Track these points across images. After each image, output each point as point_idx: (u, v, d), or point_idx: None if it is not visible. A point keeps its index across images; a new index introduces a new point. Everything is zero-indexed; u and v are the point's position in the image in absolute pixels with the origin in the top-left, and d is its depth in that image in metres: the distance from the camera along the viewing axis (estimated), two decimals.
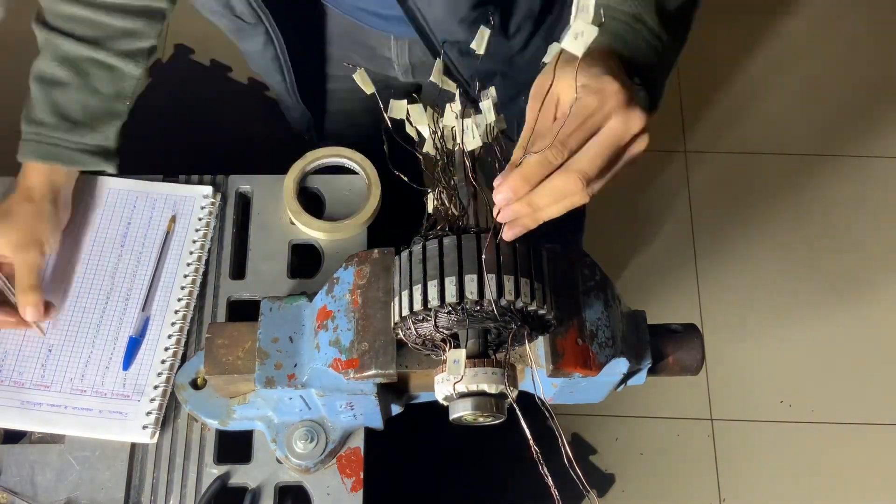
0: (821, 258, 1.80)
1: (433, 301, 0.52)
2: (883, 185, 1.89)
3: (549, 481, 0.50)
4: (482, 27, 0.58)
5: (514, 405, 0.53)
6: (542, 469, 0.50)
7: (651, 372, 0.68)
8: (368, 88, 0.60)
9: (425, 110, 0.59)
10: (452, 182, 0.59)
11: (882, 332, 1.73)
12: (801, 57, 2.02)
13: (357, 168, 0.87)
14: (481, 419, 0.55)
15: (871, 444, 1.63)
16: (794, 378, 1.69)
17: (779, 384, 1.68)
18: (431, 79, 0.60)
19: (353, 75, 0.60)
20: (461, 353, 0.54)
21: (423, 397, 0.74)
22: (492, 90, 0.60)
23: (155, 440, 0.75)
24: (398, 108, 0.59)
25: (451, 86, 0.60)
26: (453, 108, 0.58)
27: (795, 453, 1.62)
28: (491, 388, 0.53)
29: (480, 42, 0.58)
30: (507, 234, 0.52)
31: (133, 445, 0.76)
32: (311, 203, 0.87)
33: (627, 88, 0.53)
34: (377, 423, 0.73)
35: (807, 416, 1.65)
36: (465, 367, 0.53)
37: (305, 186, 0.88)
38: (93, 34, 0.81)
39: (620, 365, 0.62)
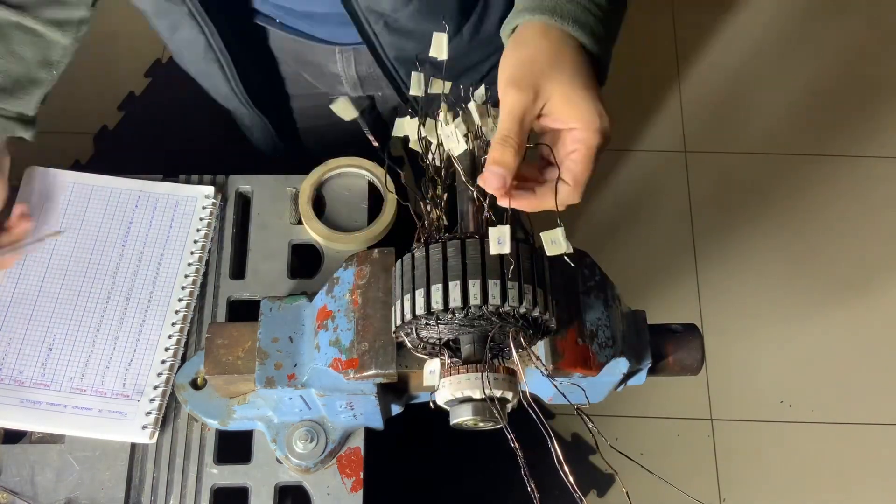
0: (821, 258, 1.80)
1: (436, 305, 0.52)
2: (883, 185, 1.89)
3: (535, 495, 0.50)
4: (435, 33, 0.60)
5: (497, 411, 0.53)
6: (529, 484, 0.50)
7: (651, 372, 0.68)
8: (349, 115, 0.61)
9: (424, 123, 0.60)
10: (438, 190, 0.59)
11: (882, 332, 1.73)
12: (802, 57, 2.02)
13: (376, 182, 0.87)
14: (482, 424, 0.55)
15: (871, 444, 1.63)
16: (794, 378, 1.69)
17: (779, 384, 1.68)
18: (411, 92, 0.60)
19: (332, 106, 0.61)
20: (436, 364, 0.54)
21: (423, 397, 0.74)
22: (480, 90, 0.61)
23: (154, 440, 0.75)
24: (399, 128, 0.60)
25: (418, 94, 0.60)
26: (440, 117, 0.59)
27: (795, 453, 1.62)
28: (475, 394, 0.53)
29: (440, 47, 0.59)
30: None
31: (133, 445, 0.76)
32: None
33: (601, 108, 0.57)
34: (377, 423, 0.73)
35: (807, 416, 1.65)
36: (459, 372, 0.53)
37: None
38: (18, 0, 0.78)
39: (620, 365, 0.62)
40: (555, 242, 0.53)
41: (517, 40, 0.59)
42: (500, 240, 0.52)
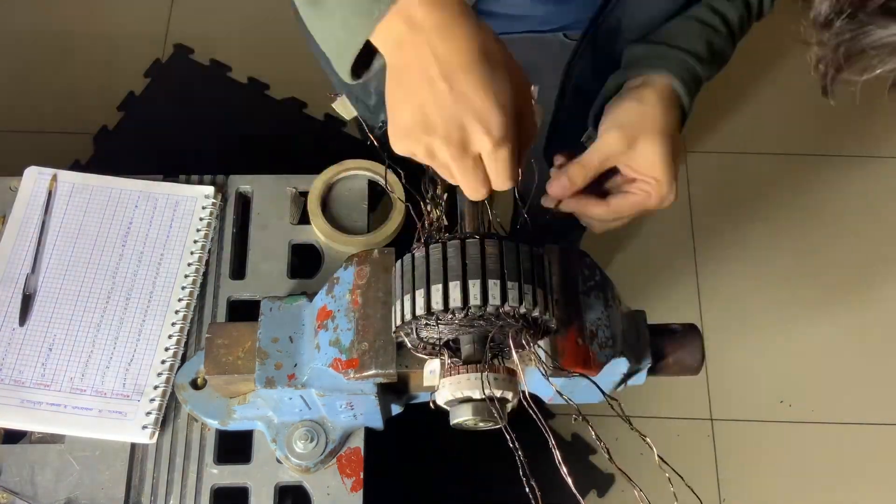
0: (821, 258, 1.80)
1: (436, 306, 0.52)
2: (883, 185, 1.88)
3: (535, 495, 0.50)
4: None
5: (497, 411, 0.53)
6: (529, 484, 0.50)
7: (651, 372, 0.68)
8: (349, 114, 0.61)
9: None
10: (438, 190, 0.59)
11: (882, 332, 1.73)
12: (801, 56, 2.01)
13: (389, 189, 0.86)
14: (482, 424, 0.55)
15: (871, 444, 1.63)
16: (794, 378, 1.68)
17: (779, 384, 1.68)
18: None
19: (333, 105, 0.61)
20: (436, 364, 0.54)
21: (423, 397, 0.74)
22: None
23: (154, 440, 0.75)
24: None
25: None
26: None
27: (795, 453, 1.62)
28: (475, 394, 0.53)
29: None
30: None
31: (133, 445, 0.76)
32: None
33: (675, 176, 0.65)
34: (377, 423, 0.73)
35: (807, 416, 1.65)
36: (459, 372, 0.53)
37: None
38: None
39: (620, 365, 0.62)
40: (432, 373, 0.57)
41: (638, 90, 0.66)
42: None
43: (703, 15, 0.73)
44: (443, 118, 0.49)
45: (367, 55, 0.54)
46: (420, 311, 0.53)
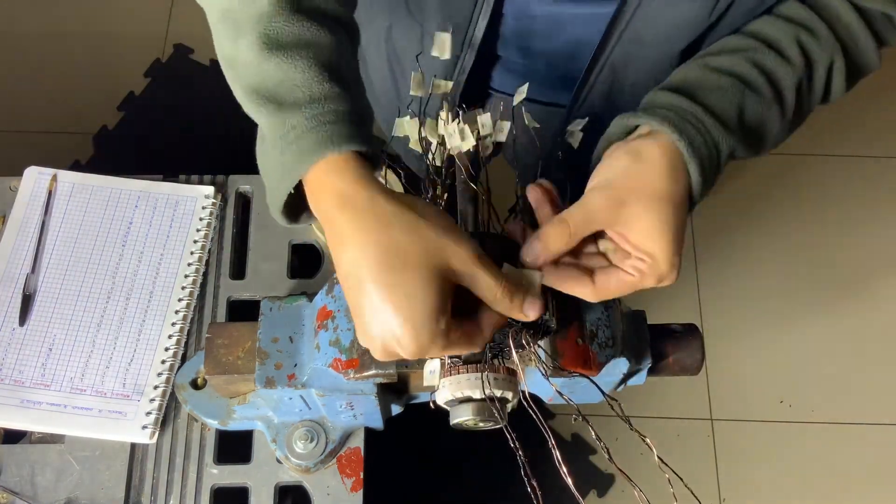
0: (820, 258, 1.80)
1: None
2: (883, 185, 1.88)
3: (535, 495, 0.50)
4: (437, 33, 0.59)
5: (497, 411, 0.53)
6: (529, 484, 0.50)
7: (651, 372, 0.68)
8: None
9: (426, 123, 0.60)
10: (438, 191, 0.59)
11: (882, 332, 1.73)
12: None
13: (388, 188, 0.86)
14: (482, 424, 0.55)
15: (871, 444, 1.63)
16: (794, 378, 1.69)
17: (779, 384, 1.68)
18: (411, 92, 0.60)
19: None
20: (436, 364, 0.54)
21: (423, 397, 0.74)
22: (523, 88, 0.60)
23: (154, 440, 0.75)
24: (399, 127, 0.60)
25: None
26: (441, 116, 0.58)
27: (795, 453, 1.62)
28: (475, 394, 0.53)
29: (442, 48, 0.59)
30: None
31: (133, 445, 0.76)
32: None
33: (676, 253, 0.52)
34: (377, 423, 0.73)
35: (807, 416, 1.65)
36: (459, 372, 0.53)
37: None
38: None
39: (620, 365, 0.62)
40: (432, 373, 0.55)
41: (640, 142, 0.53)
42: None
43: (742, 69, 0.57)
44: (366, 336, 0.48)
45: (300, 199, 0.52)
46: None
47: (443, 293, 0.46)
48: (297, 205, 0.53)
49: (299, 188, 0.51)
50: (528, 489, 0.50)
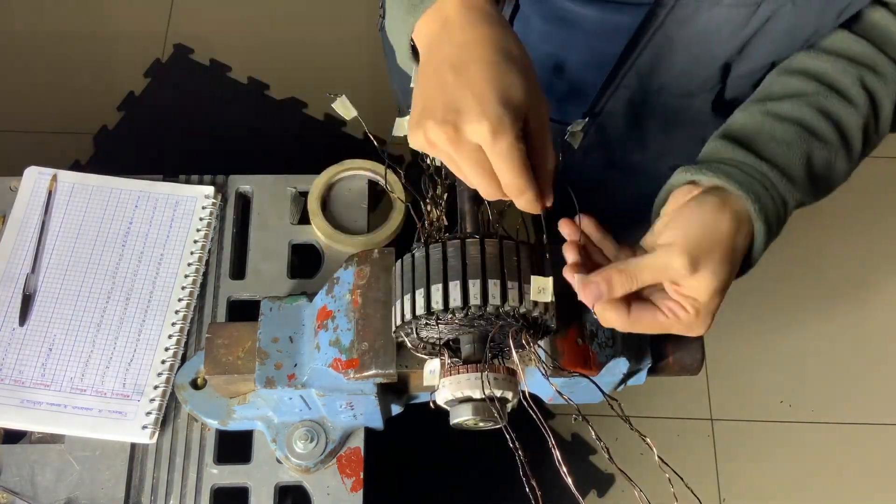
0: (821, 258, 1.80)
1: (436, 305, 0.52)
2: (883, 185, 1.88)
3: (535, 495, 0.50)
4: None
5: (497, 411, 0.53)
6: (529, 484, 0.50)
7: (651, 372, 0.68)
8: (349, 114, 0.61)
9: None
10: (438, 191, 0.59)
11: (882, 332, 1.73)
12: None
13: (389, 189, 0.85)
14: (482, 424, 0.55)
15: (871, 444, 1.63)
16: (794, 378, 1.68)
17: (779, 384, 1.68)
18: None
19: (333, 105, 0.61)
20: (436, 364, 0.54)
21: (423, 397, 0.74)
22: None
23: (154, 440, 0.75)
24: (399, 127, 0.60)
25: None
26: None
27: (795, 453, 1.62)
28: (475, 394, 0.53)
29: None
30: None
31: (133, 445, 0.76)
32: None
33: (715, 311, 0.52)
34: (377, 423, 0.73)
35: (807, 416, 1.65)
36: (459, 372, 0.53)
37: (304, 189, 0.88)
38: None
39: (620, 365, 0.62)
40: (542, 291, 0.53)
41: (709, 206, 0.53)
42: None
43: (806, 116, 0.56)
44: (442, 101, 0.48)
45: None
46: (420, 310, 0.53)
47: (527, 101, 0.48)
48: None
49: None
50: (528, 489, 0.50)
